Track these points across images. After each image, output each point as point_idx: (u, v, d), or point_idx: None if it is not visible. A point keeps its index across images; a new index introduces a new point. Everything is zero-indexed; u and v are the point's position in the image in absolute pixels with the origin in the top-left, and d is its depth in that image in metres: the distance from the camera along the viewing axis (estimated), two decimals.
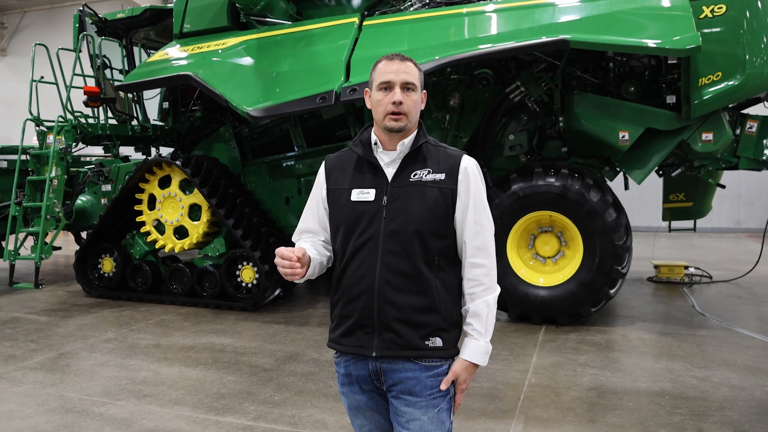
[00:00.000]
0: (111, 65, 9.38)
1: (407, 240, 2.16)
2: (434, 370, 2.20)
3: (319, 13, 7.72)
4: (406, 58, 2.23)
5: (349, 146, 2.36)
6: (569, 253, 6.75)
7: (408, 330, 2.17)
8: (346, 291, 2.23)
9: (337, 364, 2.33)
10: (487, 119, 7.34)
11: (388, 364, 2.20)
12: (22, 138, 9.00)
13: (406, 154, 2.24)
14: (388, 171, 2.24)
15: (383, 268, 2.17)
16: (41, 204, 8.39)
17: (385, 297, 2.16)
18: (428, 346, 2.18)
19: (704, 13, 6.06)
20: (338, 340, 2.27)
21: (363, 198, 2.22)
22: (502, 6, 6.52)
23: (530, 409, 4.52)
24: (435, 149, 2.28)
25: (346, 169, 2.30)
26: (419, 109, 2.26)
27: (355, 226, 2.21)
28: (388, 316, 2.17)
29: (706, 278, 9.19)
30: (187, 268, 8.04)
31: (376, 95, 2.23)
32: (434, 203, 2.18)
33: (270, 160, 8.46)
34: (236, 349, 6.07)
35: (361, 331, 2.20)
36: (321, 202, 2.34)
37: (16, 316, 7.53)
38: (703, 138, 6.53)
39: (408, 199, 2.19)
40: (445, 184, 2.20)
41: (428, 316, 2.18)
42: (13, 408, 4.62)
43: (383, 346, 2.18)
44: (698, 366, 5.37)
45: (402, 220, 2.17)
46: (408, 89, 2.20)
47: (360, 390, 2.28)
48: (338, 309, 2.27)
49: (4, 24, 22.02)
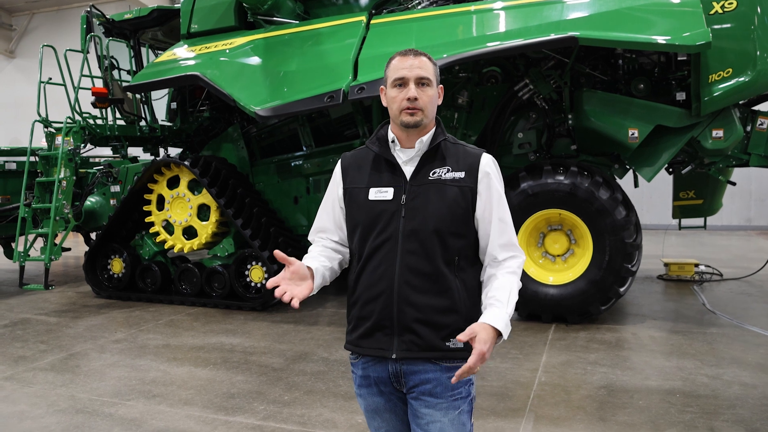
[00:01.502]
0: (119, 66, 9.40)
1: (427, 239, 2.13)
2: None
3: (327, 12, 7.72)
4: (420, 53, 2.19)
5: (365, 144, 2.33)
6: (579, 252, 6.72)
7: (428, 331, 2.14)
8: (365, 292, 2.20)
9: (354, 366, 2.30)
10: (495, 117, 7.32)
11: (408, 366, 2.17)
12: (30, 140, 9.04)
13: (424, 152, 2.21)
14: (407, 169, 2.21)
15: (402, 268, 2.14)
16: (50, 205, 8.41)
17: (405, 298, 2.13)
18: (449, 347, 2.15)
19: (714, 9, 6.02)
20: (356, 342, 2.24)
21: (381, 197, 2.19)
22: (510, 3, 6.49)
23: (540, 407, 4.50)
24: (454, 147, 2.24)
25: (363, 168, 2.27)
26: (436, 105, 2.22)
27: (374, 226, 2.18)
28: (407, 317, 2.14)
29: (717, 276, 9.13)
30: (196, 268, 8.06)
31: (391, 92, 2.20)
32: (454, 202, 2.15)
33: (278, 159, 8.47)
34: (245, 348, 6.07)
35: (381, 333, 2.18)
36: (337, 201, 2.32)
37: (26, 317, 7.56)
38: (713, 135, 6.49)
39: (427, 197, 2.15)
40: (464, 182, 2.17)
41: (449, 317, 2.15)
42: (23, 409, 4.64)
43: (403, 348, 2.15)
44: (709, 364, 5.33)
45: (421, 219, 2.14)
46: (423, 84, 2.16)
47: (378, 392, 2.25)
48: (356, 310, 2.23)
49: (13, 26, 22.13)
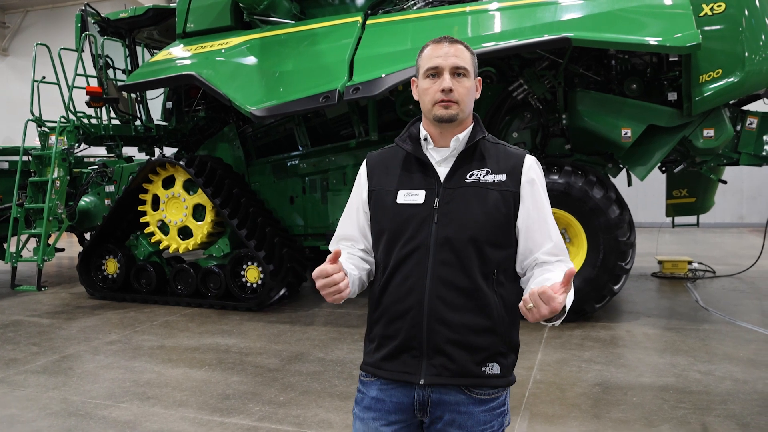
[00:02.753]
0: (114, 65, 9.38)
1: (462, 249, 1.90)
2: (489, 404, 1.95)
3: (323, 12, 7.73)
4: (456, 41, 1.97)
5: (395, 141, 2.10)
6: (573, 250, 6.75)
7: (463, 354, 1.90)
8: (390, 307, 1.96)
9: (366, 385, 2.04)
10: (490, 117, 7.34)
11: (437, 395, 1.93)
12: (23, 139, 9.00)
13: (461, 152, 1.99)
14: (440, 170, 1.98)
15: (434, 281, 1.90)
16: (43, 205, 8.39)
17: (437, 315, 1.89)
18: (485, 373, 1.92)
19: (704, 11, 6.10)
20: (378, 364, 1.98)
21: (411, 200, 1.96)
22: (504, 4, 6.54)
23: (535, 405, 4.53)
24: (494, 147, 2.03)
25: (392, 168, 2.04)
26: (473, 98, 2.00)
27: (402, 233, 1.95)
28: (439, 337, 1.89)
29: (710, 273, 9.21)
30: (191, 268, 8.04)
31: (423, 83, 1.97)
32: (494, 208, 1.92)
33: (274, 159, 8.46)
34: (241, 349, 6.08)
35: (408, 354, 1.93)
36: (362, 205, 2.08)
37: (18, 318, 7.53)
38: (704, 134, 6.57)
39: (463, 202, 1.93)
40: (506, 186, 1.94)
41: (486, 338, 1.92)
42: (14, 412, 4.60)
43: (433, 373, 1.91)
44: (702, 360, 5.39)
45: (456, 226, 1.91)
46: (459, 75, 1.94)
47: (387, 422, 1.98)
48: (380, 327, 1.99)
49: (6, 24, 22.02)
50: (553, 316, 1.76)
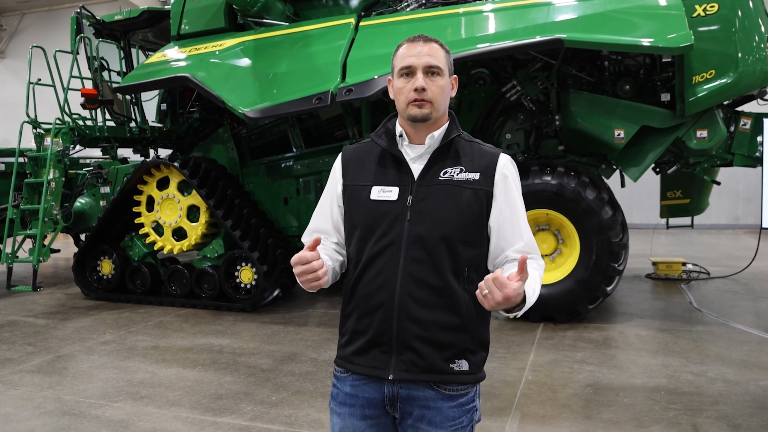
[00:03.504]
0: (109, 67, 9.40)
1: (433, 247, 1.91)
2: (458, 399, 1.96)
3: (316, 14, 7.74)
4: (430, 39, 1.97)
5: (370, 137, 2.09)
6: (566, 251, 6.78)
7: (431, 350, 1.92)
8: (362, 303, 1.98)
9: (340, 380, 2.06)
10: (483, 118, 7.37)
11: (406, 390, 1.95)
12: (19, 140, 9.02)
13: (435, 149, 1.99)
14: (415, 167, 1.98)
15: (405, 278, 1.92)
16: (39, 206, 8.40)
17: (407, 311, 1.91)
18: (453, 370, 1.94)
19: (697, 12, 6.12)
20: (350, 358, 2.01)
21: (384, 197, 1.97)
22: (497, 6, 6.56)
23: (526, 406, 4.54)
24: (468, 145, 2.03)
25: (367, 163, 2.04)
26: (448, 97, 2.01)
27: (374, 229, 1.95)
28: (408, 333, 1.91)
29: (704, 274, 9.20)
30: (185, 269, 8.06)
31: (397, 82, 1.98)
32: (466, 206, 1.93)
33: (268, 161, 8.48)
34: (234, 349, 6.09)
35: (377, 350, 1.96)
36: (335, 199, 2.09)
37: (13, 319, 7.54)
38: (697, 135, 6.58)
39: (436, 199, 1.94)
40: (479, 184, 1.95)
41: (455, 335, 1.93)
42: (9, 411, 4.63)
43: (402, 368, 1.93)
44: (694, 361, 5.40)
45: (428, 223, 1.92)
46: (433, 74, 1.95)
47: (361, 416, 2.00)
48: (351, 322, 2.01)
49: (3, 26, 22.01)
50: (513, 307, 1.78)
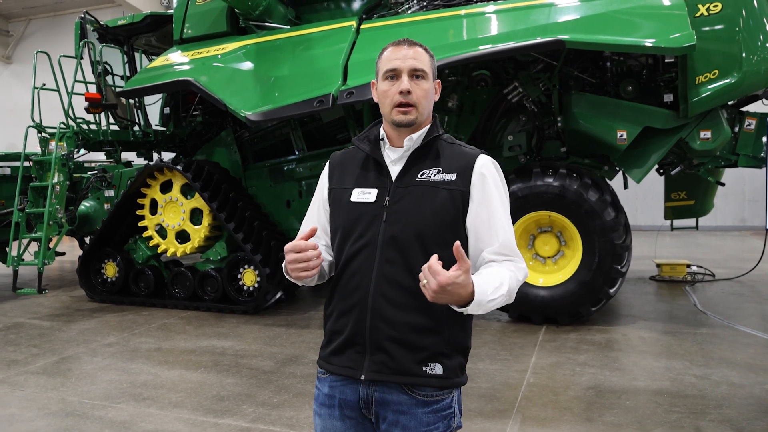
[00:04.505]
0: (112, 71, 9.44)
1: (408, 248, 1.90)
2: (432, 405, 1.92)
3: (318, 17, 7.76)
4: (414, 43, 1.98)
5: (353, 141, 2.13)
6: (569, 253, 6.76)
7: (403, 352, 1.90)
8: (339, 303, 1.99)
9: (321, 381, 2.06)
10: (485, 120, 7.37)
11: (380, 393, 1.93)
12: (24, 145, 9.06)
13: (413, 151, 1.99)
14: (394, 169, 1.99)
15: (379, 278, 1.91)
16: (44, 210, 8.44)
17: (379, 312, 1.90)
18: (425, 373, 1.90)
19: (700, 12, 6.08)
20: (328, 358, 2.02)
21: (363, 199, 1.98)
22: (498, 7, 6.55)
23: (527, 408, 4.52)
24: (449, 147, 2.02)
25: (350, 167, 2.07)
26: (432, 101, 2.01)
27: (353, 230, 1.96)
28: (381, 334, 1.90)
29: (709, 276, 9.17)
30: (189, 272, 8.08)
31: (382, 85, 1.99)
32: (441, 207, 1.92)
33: (271, 163, 8.50)
34: (237, 352, 6.10)
35: (352, 350, 1.95)
36: (322, 203, 2.12)
37: (19, 321, 7.58)
38: (701, 136, 6.54)
39: (412, 200, 1.93)
40: (455, 185, 1.93)
41: (428, 338, 1.90)
42: (14, 412, 4.66)
43: (373, 369, 1.91)
44: (698, 364, 5.37)
45: (403, 224, 1.91)
46: (418, 77, 1.95)
47: (340, 416, 1.99)
48: (330, 323, 2.02)
49: (9, 32, 22.16)
50: (465, 303, 1.75)
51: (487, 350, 5.90)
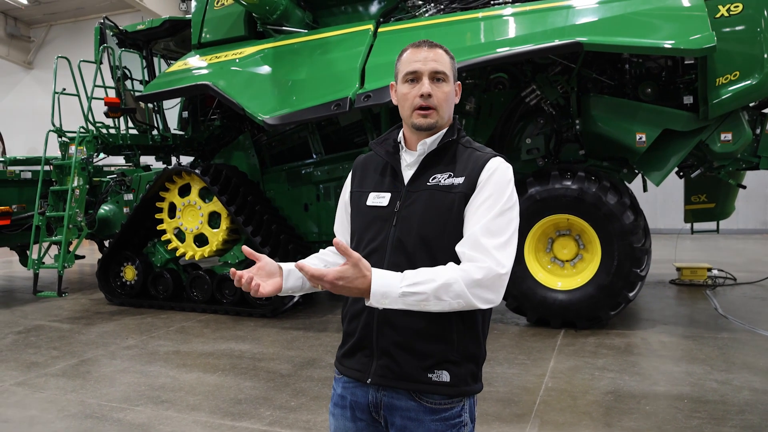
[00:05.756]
0: (131, 76, 9.53)
1: (414, 252, 1.88)
2: (441, 413, 1.90)
3: (335, 21, 7.77)
4: (435, 45, 1.95)
5: (370, 145, 2.12)
6: (587, 257, 6.71)
7: (408, 358, 1.88)
8: (351, 306, 2.00)
9: (336, 381, 2.08)
10: (503, 123, 7.34)
11: (388, 398, 1.92)
12: (45, 149, 9.16)
13: (427, 155, 1.96)
14: (407, 173, 1.97)
15: None
16: (64, 213, 8.53)
17: (386, 317, 1.89)
18: (431, 380, 1.88)
19: (720, 12, 6.01)
20: (341, 359, 2.04)
21: (377, 203, 1.98)
22: (516, 10, 6.52)
23: (546, 413, 4.49)
24: (464, 150, 1.97)
25: (370, 171, 2.07)
26: (452, 104, 1.98)
27: (366, 234, 1.97)
28: (387, 339, 1.90)
29: (730, 280, 9.06)
30: (207, 275, 8.13)
31: (402, 88, 1.96)
32: (447, 211, 1.88)
33: (289, 167, 8.52)
34: (254, 355, 6.11)
35: (361, 353, 1.96)
36: (345, 206, 2.13)
37: (40, 323, 7.67)
38: (722, 138, 6.46)
39: (420, 205, 1.91)
40: (461, 188, 1.89)
41: (434, 345, 1.88)
42: (34, 414, 4.71)
43: (379, 373, 1.91)
44: (719, 369, 5.30)
45: (409, 228, 1.90)
46: (438, 80, 1.91)
47: (352, 417, 2.00)
48: (344, 325, 2.04)
49: (31, 38, 22.46)
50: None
51: (505, 354, 5.87)
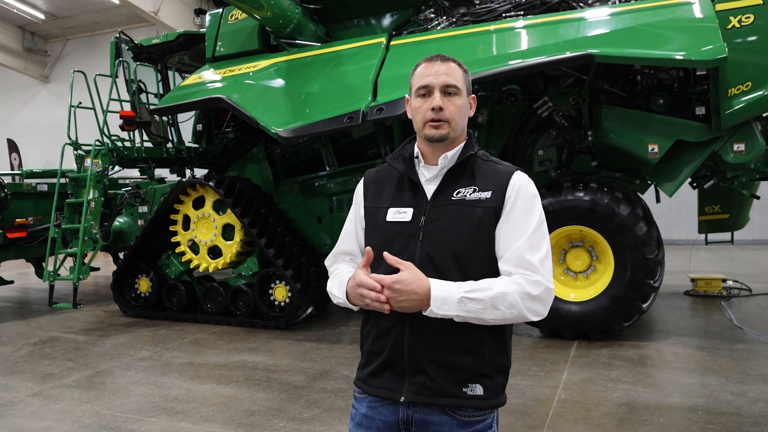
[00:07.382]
0: (146, 89, 9.63)
1: (444, 267, 1.89)
2: (474, 426, 1.91)
3: (348, 34, 7.84)
4: (448, 59, 1.98)
5: (386, 160, 2.13)
6: (600, 268, 6.69)
7: (443, 373, 1.89)
8: (376, 324, 1.98)
9: (358, 401, 2.05)
10: (515, 135, 7.35)
11: (420, 415, 1.91)
12: (60, 162, 9.28)
13: (449, 169, 1.98)
14: (429, 188, 1.98)
15: None
16: (79, 226, 8.61)
17: (418, 334, 1.89)
18: (466, 394, 1.89)
19: (732, 23, 6.01)
20: (366, 379, 2.01)
21: (399, 218, 1.97)
22: (528, 22, 6.55)
23: (559, 425, 4.47)
24: (484, 164, 2.00)
25: (385, 186, 2.07)
26: (466, 116, 1.99)
27: (388, 250, 1.92)
28: (420, 356, 1.89)
29: (746, 291, 8.99)
30: (221, 287, 8.17)
31: (415, 102, 1.99)
32: (477, 225, 1.90)
33: (302, 179, 8.57)
34: (268, 366, 6.14)
35: (390, 372, 1.94)
36: (359, 222, 2.12)
37: (55, 335, 7.73)
38: (734, 149, 6.44)
39: (448, 220, 1.92)
40: (489, 203, 1.91)
41: (467, 359, 1.89)
42: (49, 425, 4.75)
43: (413, 391, 1.90)
44: (734, 381, 5.26)
45: (439, 243, 1.90)
46: (450, 93, 1.94)
47: None
48: (368, 344, 2.01)
49: (48, 52, 22.76)
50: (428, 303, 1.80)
51: (518, 366, 5.85)
